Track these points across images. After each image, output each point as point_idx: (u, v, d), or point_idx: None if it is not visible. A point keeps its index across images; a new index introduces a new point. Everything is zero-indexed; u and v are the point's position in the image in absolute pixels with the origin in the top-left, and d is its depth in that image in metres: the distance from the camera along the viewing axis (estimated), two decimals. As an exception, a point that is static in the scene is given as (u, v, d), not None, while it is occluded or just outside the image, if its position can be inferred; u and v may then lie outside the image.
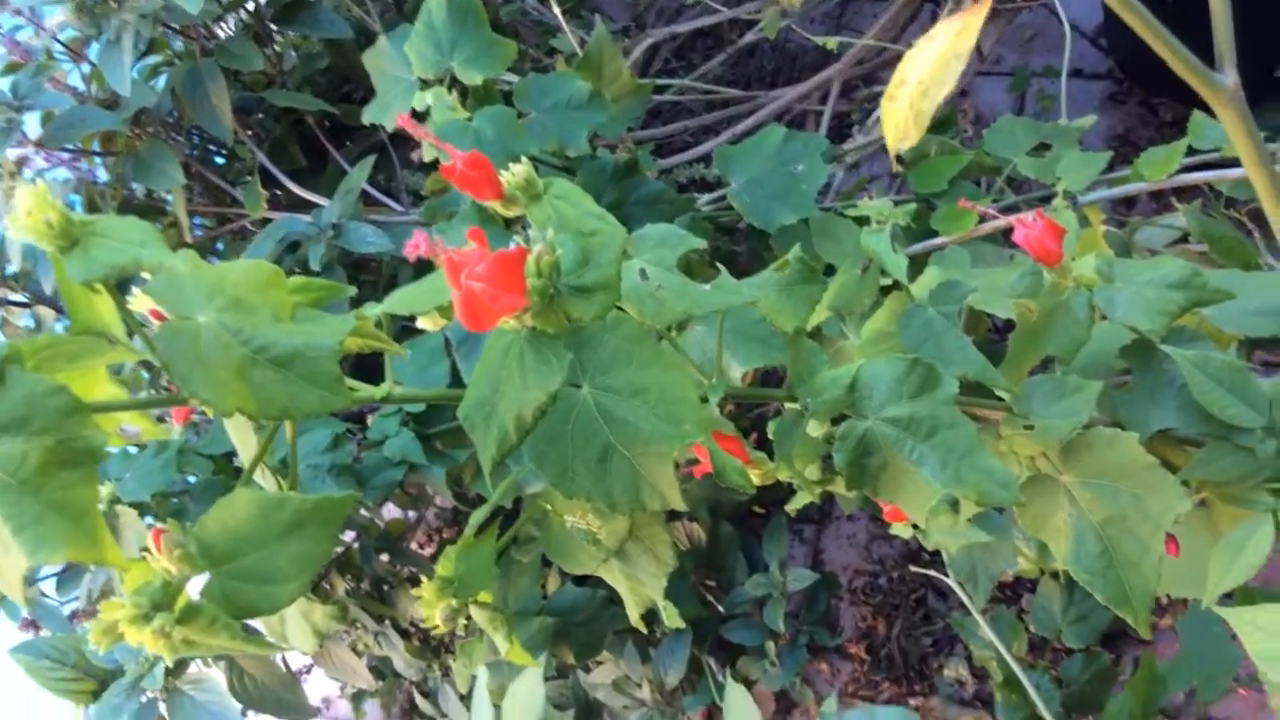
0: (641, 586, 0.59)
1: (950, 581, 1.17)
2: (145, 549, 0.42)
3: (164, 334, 0.43)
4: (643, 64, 1.72)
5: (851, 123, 2.01)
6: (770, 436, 0.71)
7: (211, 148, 1.54)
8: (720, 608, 1.51)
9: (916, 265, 1.10)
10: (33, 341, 0.44)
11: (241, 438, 0.54)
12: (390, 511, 1.87)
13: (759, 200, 1.14)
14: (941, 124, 1.41)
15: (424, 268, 1.57)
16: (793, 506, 0.74)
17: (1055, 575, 1.43)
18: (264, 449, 0.50)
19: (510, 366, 0.45)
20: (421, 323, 0.56)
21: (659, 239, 0.58)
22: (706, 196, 1.26)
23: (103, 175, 1.39)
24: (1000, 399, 0.74)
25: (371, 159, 1.32)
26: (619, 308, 0.54)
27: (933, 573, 1.35)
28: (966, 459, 0.61)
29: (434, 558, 1.79)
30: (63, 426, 0.40)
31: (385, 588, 1.71)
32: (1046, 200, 1.24)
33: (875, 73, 1.66)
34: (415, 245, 0.39)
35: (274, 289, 0.45)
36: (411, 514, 1.89)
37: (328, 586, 1.68)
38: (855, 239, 1.16)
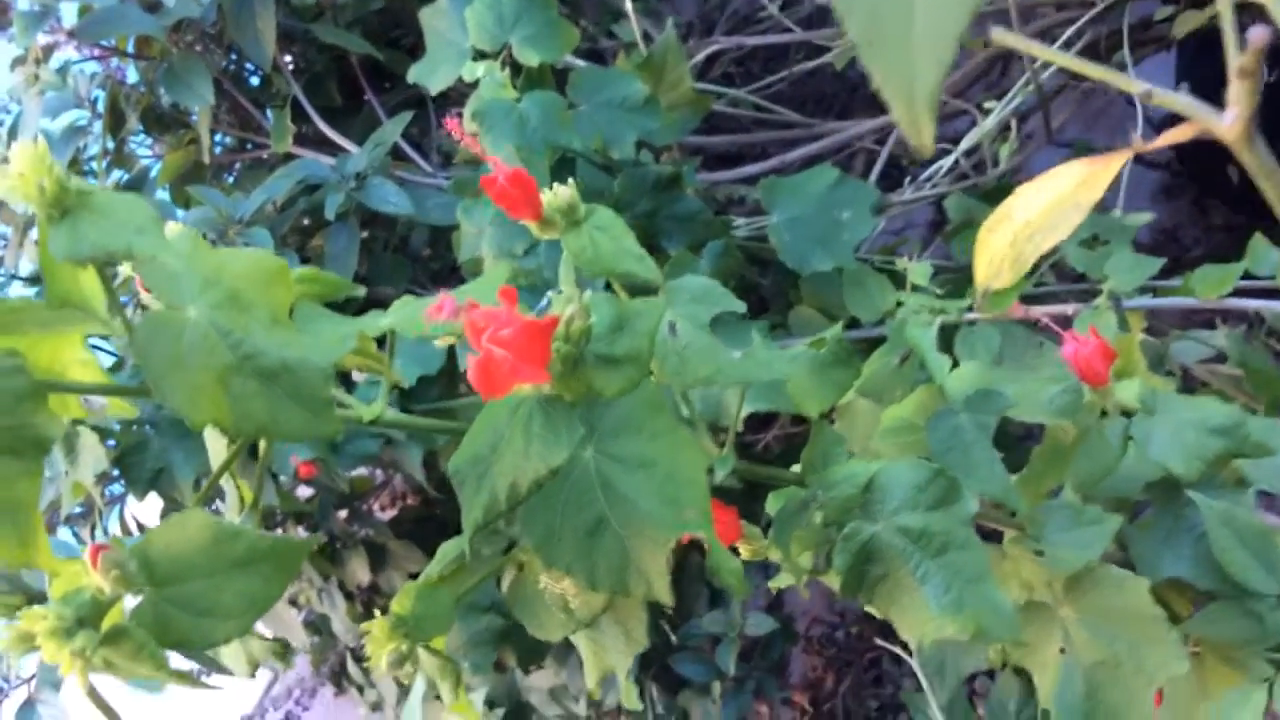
0: (605, 655, 0.55)
1: (910, 660, 1.13)
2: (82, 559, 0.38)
3: (146, 327, 0.38)
4: (702, 66, 1.66)
5: (903, 166, 1.96)
6: (769, 509, 0.67)
7: (249, 67, 1.49)
8: (673, 637, 1.47)
9: (944, 335, 1.06)
10: (2, 302, 0.39)
11: (213, 442, 0.50)
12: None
13: (798, 240, 1.09)
14: (995, 193, 1.36)
15: (440, 233, 1.52)
16: (775, 584, 0.69)
17: (1018, 670, 1.39)
18: (231, 460, 0.46)
19: (515, 427, 0.40)
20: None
21: (696, 293, 0.54)
22: (744, 222, 1.21)
23: (132, 76, 1.34)
24: (1013, 514, 0.70)
25: (409, 114, 1.27)
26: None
27: (897, 649, 1.31)
28: (972, 585, 0.57)
29: (394, 522, 1.75)
30: (15, 411, 0.35)
31: (338, 545, 1.67)
32: (1090, 294, 1.20)
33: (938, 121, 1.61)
34: (439, 308, 0.34)
35: (277, 286, 0.40)
36: (380, 474, 1.84)
37: (281, 533, 1.64)
38: (887, 295, 1.11)
